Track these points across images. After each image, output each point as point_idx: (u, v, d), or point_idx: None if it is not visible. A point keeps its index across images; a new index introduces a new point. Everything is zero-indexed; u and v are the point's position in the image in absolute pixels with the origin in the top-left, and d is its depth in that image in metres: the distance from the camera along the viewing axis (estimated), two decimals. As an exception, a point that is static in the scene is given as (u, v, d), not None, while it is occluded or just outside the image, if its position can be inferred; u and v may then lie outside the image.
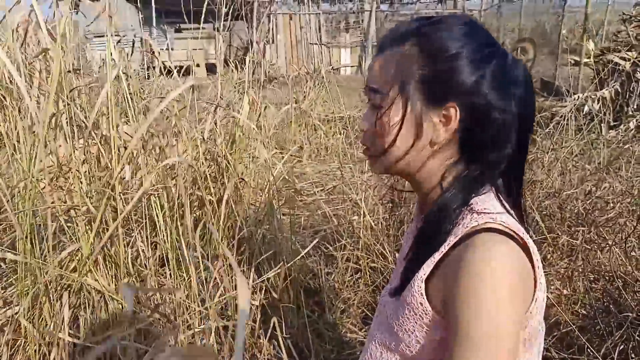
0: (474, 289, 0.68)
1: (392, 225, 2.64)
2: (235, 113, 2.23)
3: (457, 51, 0.77)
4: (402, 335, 0.81)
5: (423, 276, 0.77)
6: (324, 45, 15.61)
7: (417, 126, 0.80)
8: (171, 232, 1.93)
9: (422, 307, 0.77)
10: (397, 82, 0.80)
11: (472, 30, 0.80)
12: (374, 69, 0.83)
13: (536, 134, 3.44)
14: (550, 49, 11.40)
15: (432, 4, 17.44)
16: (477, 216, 0.76)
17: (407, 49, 0.80)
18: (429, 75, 0.78)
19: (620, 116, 5.50)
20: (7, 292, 1.93)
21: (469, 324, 0.68)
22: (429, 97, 0.79)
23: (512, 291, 0.69)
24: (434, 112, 0.79)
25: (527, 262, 0.74)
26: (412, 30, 0.80)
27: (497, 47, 0.81)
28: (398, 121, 0.80)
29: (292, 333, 1.99)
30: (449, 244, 0.76)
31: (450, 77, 0.77)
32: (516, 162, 0.84)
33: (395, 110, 0.80)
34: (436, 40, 0.78)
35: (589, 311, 2.14)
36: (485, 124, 0.78)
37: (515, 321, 0.70)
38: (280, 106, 5.25)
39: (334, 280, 2.52)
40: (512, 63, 0.80)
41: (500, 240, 0.72)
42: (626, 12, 6.73)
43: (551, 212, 2.34)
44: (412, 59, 0.79)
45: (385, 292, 0.94)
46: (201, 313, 1.89)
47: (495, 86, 0.77)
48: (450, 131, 0.79)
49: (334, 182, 4.36)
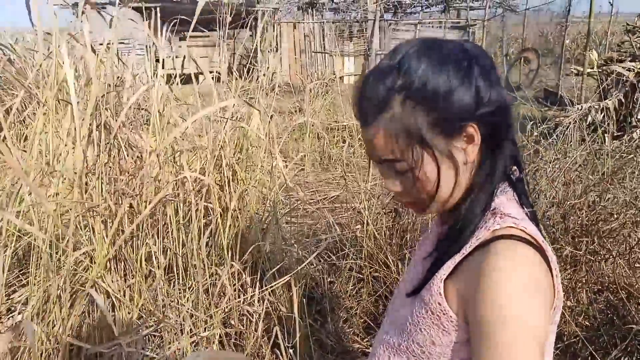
0: (498, 296, 0.69)
1: (395, 235, 2.64)
2: (244, 124, 2.25)
3: (447, 85, 0.77)
4: (416, 334, 0.83)
5: (443, 276, 0.79)
6: (327, 53, 15.67)
7: (451, 161, 0.81)
8: (179, 238, 1.95)
9: (440, 306, 0.78)
10: (413, 141, 0.79)
11: (441, 54, 0.79)
12: (378, 143, 0.82)
13: (539, 144, 3.44)
14: (554, 59, 11.43)
15: (435, 13, 17.51)
16: (500, 220, 0.78)
17: (400, 109, 0.78)
18: (437, 117, 0.78)
19: (624, 126, 5.49)
20: (13, 299, 1.95)
21: (496, 331, 0.69)
22: (446, 133, 0.79)
23: (536, 297, 0.71)
24: (457, 140, 0.80)
25: (547, 271, 0.75)
26: (391, 90, 0.79)
27: (464, 50, 0.81)
28: (434, 170, 0.80)
29: (294, 342, 1.99)
30: (471, 246, 0.78)
31: (456, 108, 0.78)
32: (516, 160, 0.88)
33: (426, 164, 0.80)
34: (422, 88, 0.77)
35: (592, 323, 2.13)
36: (497, 120, 0.81)
37: (543, 327, 0.71)
38: (285, 115, 5.27)
39: (337, 290, 2.52)
40: (479, 55, 0.81)
41: (522, 248, 0.74)
42: (630, 23, 6.75)
43: (554, 222, 2.34)
44: (412, 114, 0.78)
45: (397, 295, 0.96)
46: (206, 323, 1.90)
47: (487, 85, 0.79)
48: (477, 145, 0.81)
49: (337, 190, 4.37)
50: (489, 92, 0.79)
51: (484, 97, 0.78)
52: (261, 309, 2.02)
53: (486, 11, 15.27)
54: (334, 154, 5.59)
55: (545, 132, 3.55)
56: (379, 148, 0.82)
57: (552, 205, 2.43)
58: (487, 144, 0.82)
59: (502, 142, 0.83)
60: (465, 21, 15.88)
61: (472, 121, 0.78)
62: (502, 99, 0.81)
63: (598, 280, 2.24)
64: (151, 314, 1.91)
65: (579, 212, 2.33)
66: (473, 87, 0.78)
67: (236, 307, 2.01)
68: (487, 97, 0.79)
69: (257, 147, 2.47)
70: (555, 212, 2.38)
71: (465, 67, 0.78)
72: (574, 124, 3.93)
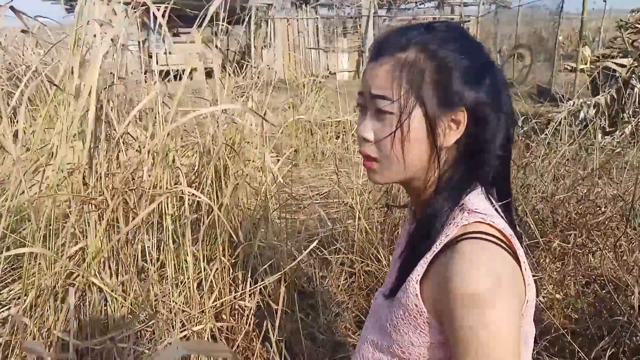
0: (468, 300, 0.69)
1: (387, 230, 2.65)
2: (237, 118, 2.25)
3: (465, 60, 0.79)
4: (396, 336, 0.82)
5: (417, 277, 0.78)
6: (321, 50, 15.65)
7: (432, 133, 0.80)
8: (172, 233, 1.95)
9: (416, 308, 0.78)
10: (412, 89, 0.78)
11: (468, 40, 0.84)
12: (377, 75, 0.81)
13: (531, 140, 3.47)
14: (547, 56, 11.45)
15: (430, 9, 17.52)
16: (468, 215, 0.78)
17: (413, 55, 0.79)
18: (441, 80, 0.78)
19: (615, 122, 5.53)
20: (4, 295, 1.95)
21: (471, 335, 0.69)
22: (441, 102, 0.79)
23: (505, 296, 0.71)
24: (445, 117, 0.80)
25: (515, 266, 0.75)
26: (414, 38, 0.80)
27: (487, 54, 0.85)
28: (416, 128, 0.79)
29: (285, 336, 2.00)
30: (441, 243, 0.77)
31: (461, 83, 0.79)
32: (504, 159, 0.88)
33: (412, 117, 0.79)
34: (442, 49, 0.79)
35: (580, 315, 2.15)
36: (485, 125, 0.81)
37: (515, 324, 0.71)
38: (278, 111, 5.27)
39: (329, 284, 2.53)
40: (498, 67, 0.85)
41: (487, 247, 0.74)
42: (622, 19, 6.78)
43: (544, 216, 2.36)
44: (421, 64, 0.78)
45: (379, 294, 0.95)
46: (197, 319, 1.91)
47: (493, 90, 0.81)
48: (457, 135, 0.81)
49: (330, 186, 4.38)
50: (490, 95, 0.81)
51: (485, 95, 0.80)
52: (252, 303, 2.03)
53: (480, 7, 15.31)
54: (327, 149, 5.60)
55: (537, 128, 3.57)
56: (377, 82, 0.81)
57: (541, 199, 2.46)
58: (465, 141, 0.82)
59: (486, 149, 0.83)
60: (459, 17, 15.91)
61: (465, 105, 0.79)
62: (497, 110, 0.82)
63: (586, 272, 2.26)
64: (143, 309, 1.92)
65: (567, 205, 2.35)
66: (482, 80, 0.80)
67: (228, 302, 2.02)
68: (487, 97, 0.80)
69: (249, 142, 2.48)
70: (544, 206, 2.40)
71: (484, 63, 0.82)
72: (565, 119, 3.96)
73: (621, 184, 2.65)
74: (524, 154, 3.03)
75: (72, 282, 1.83)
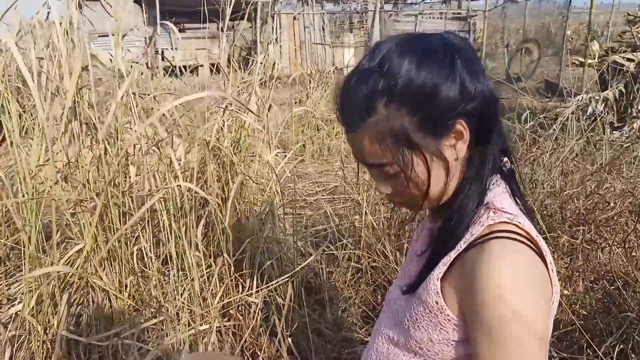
0: (495, 297, 0.69)
1: (394, 225, 2.65)
2: (242, 115, 2.24)
3: (431, 82, 0.74)
4: (414, 332, 0.82)
5: (439, 274, 0.78)
6: (327, 45, 15.62)
7: (441, 160, 0.79)
8: (174, 231, 1.94)
9: (437, 305, 0.78)
10: (401, 144, 0.77)
11: (422, 50, 0.77)
12: (364, 147, 0.79)
13: (538, 134, 3.44)
14: (555, 50, 11.39)
15: (436, 4, 17.42)
16: (494, 215, 0.78)
17: (384, 113, 0.76)
18: (423, 117, 0.76)
19: (624, 117, 5.48)
20: (11, 290, 1.96)
21: (497, 332, 0.69)
22: (435, 133, 0.77)
23: (535, 293, 0.71)
24: (446, 138, 0.78)
25: (542, 267, 0.75)
26: (374, 92, 0.76)
27: (445, 43, 0.79)
28: (424, 170, 0.79)
29: (293, 332, 2.00)
30: (466, 242, 0.77)
31: (442, 106, 0.75)
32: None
33: (416, 165, 0.78)
34: (407, 86, 0.74)
35: (589, 311, 2.14)
36: (483, 112, 0.79)
37: (545, 321, 0.71)
38: (284, 106, 5.27)
39: (335, 280, 2.53)
40: (461, 47, 0.79)
41: (516, 247, 0.73)
42: (631, 13, 6.71)
43: (552, 211, 2.35)
44: (397, 118, 0.75)
45: (395, 288, 0.95)
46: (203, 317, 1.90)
47: (472, 77, 0.77)
48: (466, 142, 0.79)
49: (336, 181, 4.37)
50: (474, 85, 0.77)
51: (470, 91, 0.76)
52: (259, 299, 2.02)
53: (487, 2, 15.20)
54: (333, 145, 5.59)
55: (545, 123, 3.55)
56: (367, 153, 0.80)
57: (549, 195, 2.44)
58: (476, 137, 0.80)
59: (490, 134, 0.82)
60: (466, 12, 15.81)
61: (460, 117, 0.76)
62: (487, 91, 0.79)
63: (595, 268, 2.25)
64: (147, 306, 1.92)
65: (576, 201, 2.33)
66: (458, 81, 0.75)
67: (234, 299, 2.02)
68: (473, 91, 0.76)
69: (255, 137, 2.47)
70: (552, 202, 2.39)
71: (448, 62, 0.76)
72: (573, 114, 3.93)
73: (630, 179, 2.62)
74: (531, 149, 3.01)
75: (72, 282, 1.83)
